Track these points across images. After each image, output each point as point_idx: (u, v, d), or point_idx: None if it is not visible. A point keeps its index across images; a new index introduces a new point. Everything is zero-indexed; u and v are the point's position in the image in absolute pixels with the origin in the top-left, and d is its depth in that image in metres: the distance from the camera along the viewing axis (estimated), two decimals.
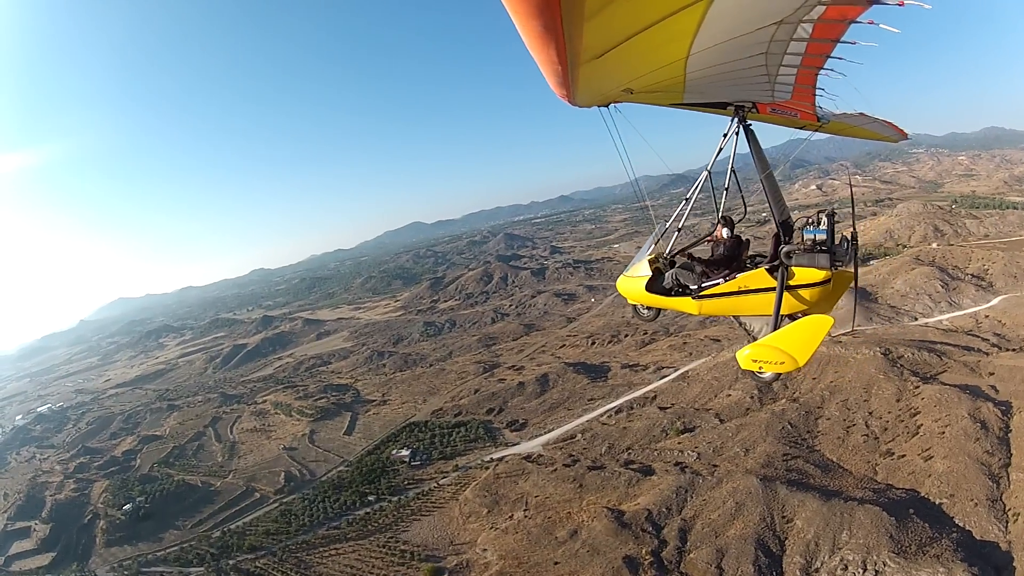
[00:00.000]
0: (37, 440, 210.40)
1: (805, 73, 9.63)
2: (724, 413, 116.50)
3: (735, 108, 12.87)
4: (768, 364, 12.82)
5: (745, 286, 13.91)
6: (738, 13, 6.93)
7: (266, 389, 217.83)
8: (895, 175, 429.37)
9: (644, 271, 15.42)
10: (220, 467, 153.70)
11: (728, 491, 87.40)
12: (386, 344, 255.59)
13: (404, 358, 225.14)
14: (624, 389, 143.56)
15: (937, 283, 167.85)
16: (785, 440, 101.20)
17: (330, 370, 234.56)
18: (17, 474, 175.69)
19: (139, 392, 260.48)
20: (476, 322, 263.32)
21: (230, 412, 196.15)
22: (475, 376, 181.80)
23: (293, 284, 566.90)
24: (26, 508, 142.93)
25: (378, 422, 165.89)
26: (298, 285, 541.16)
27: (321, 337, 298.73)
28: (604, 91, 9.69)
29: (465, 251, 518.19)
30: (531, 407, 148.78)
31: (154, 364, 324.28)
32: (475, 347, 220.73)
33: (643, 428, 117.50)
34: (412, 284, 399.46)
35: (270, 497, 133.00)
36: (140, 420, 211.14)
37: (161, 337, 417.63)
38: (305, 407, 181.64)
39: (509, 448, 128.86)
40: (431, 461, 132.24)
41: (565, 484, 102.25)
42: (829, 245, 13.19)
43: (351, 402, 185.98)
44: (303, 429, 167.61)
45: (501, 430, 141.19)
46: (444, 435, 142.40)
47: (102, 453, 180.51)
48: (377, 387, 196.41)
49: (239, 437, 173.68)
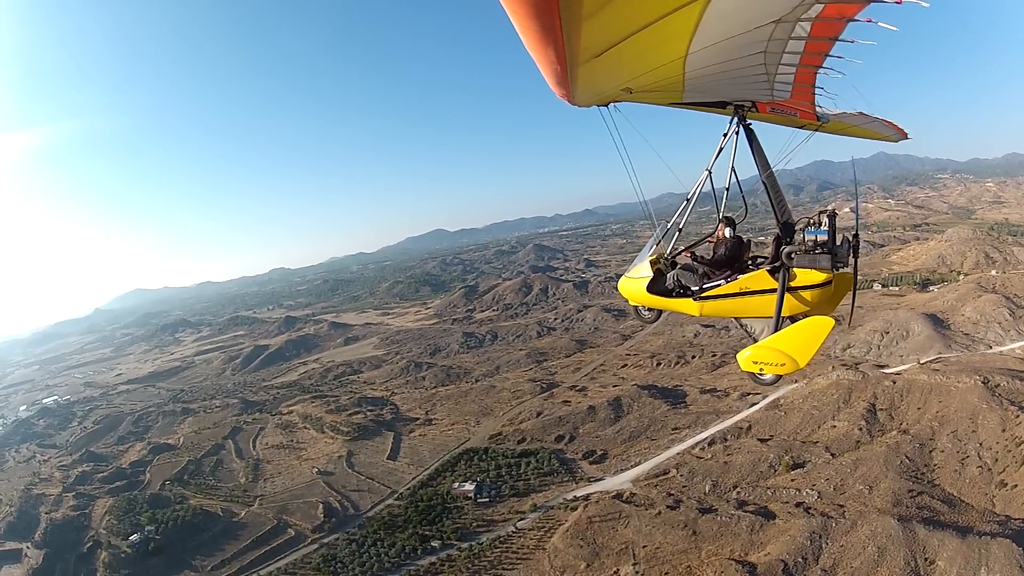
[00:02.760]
0: (39, 437, 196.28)
1: (804, 72, 9.70)
2: (834, 446, 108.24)
3: (734, 107, 12.75)
4: (769, 366, 12.76)
5: (746, 287, 13.60)
6: (736, 12, 6.91)
7: (291, 398, 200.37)
8: (926, 200, 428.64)
9: (645, 272, 15.11)
10: (243, 491, 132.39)
11: (866, 535, 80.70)
12: (422, 354, 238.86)
13: (446, 371, 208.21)
14: (711, 417, 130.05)
15: (1005, 311, 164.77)
16: (905, 475, 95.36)
17: (362, 380, 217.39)
18: (13, 477, 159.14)
19: (151, 391, 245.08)
20: (520, 335, 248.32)
21: (252, 422, 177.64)
22: (532, 396, 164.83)
23: (315, 285, 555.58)
24: (17, 526, 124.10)
25: (426, 445, 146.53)
26: (320, 286, 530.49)
27: (349, 342, 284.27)
28: (603, 90, 9.67)
29: (493, 260, 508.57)
30: (607, 435, 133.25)
31: (169, 360, 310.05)
32: (524, 362, 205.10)
33: (747, 463, 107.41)
34: (441, 291, 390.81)
35: (306, 535, 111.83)
36: (151, 424, 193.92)
37: (177, 332, 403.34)
38: (339, 423, 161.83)
39: (592, 484, 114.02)
40: (501, 498, 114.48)
41: (675, 531, 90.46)
42: (831, 246, 12.84)
43: (391, 419, 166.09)
44: (338, 449, 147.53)
45: (577, 462, 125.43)
46: (511, 466, 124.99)
47: (107, 461, 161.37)
48: (418, 403, 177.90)
49: (264, 454, 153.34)
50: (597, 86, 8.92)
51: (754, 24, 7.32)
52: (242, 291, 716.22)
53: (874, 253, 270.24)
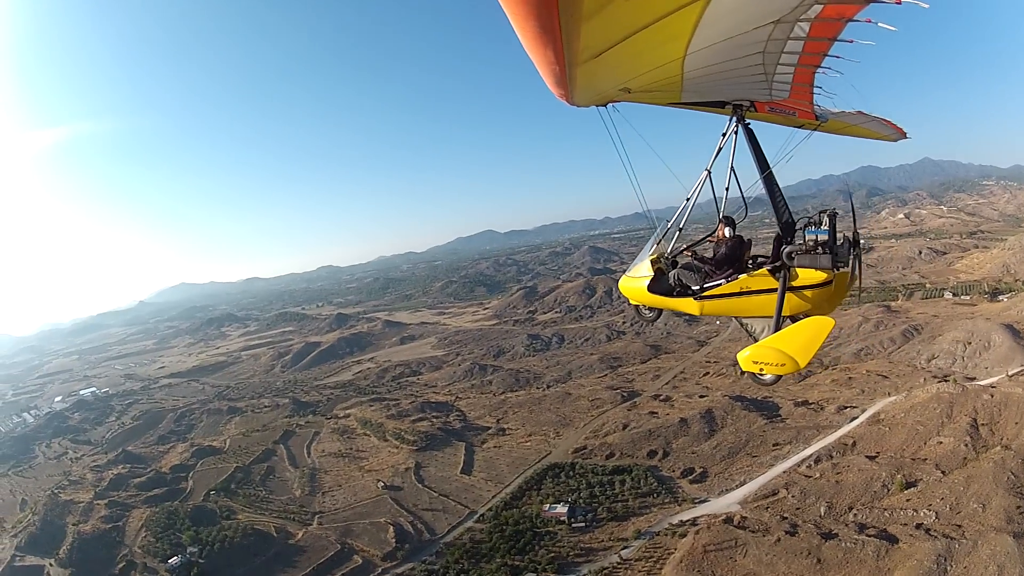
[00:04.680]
0: (73, 431, 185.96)
1: (803, 72, 9.74)
2: (943, 463, 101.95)
3: (733, 107, 12.78)
4: (769, 366, 12.30)
5: (747, 287, 13.39)
6: (736, 12, 6.86)
7: (346, 399, 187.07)
8: (976, 207, 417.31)
9: (646, 271, 15.05)
10: (300, 507, 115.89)
11: (987, 555, 77.08)
12: (485, 356, 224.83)
13: (514, 375, 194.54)
14: (811, 432, 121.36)
15: None
16: (1012, 491, 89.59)
17: (422, 382, 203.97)
18: (41, 475, 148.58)
19: (195, 386, 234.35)
20: (588, 338, 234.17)
21: (305, 425, 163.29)
22: (613, 405, 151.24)
23: (365, 283, 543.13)
24: (41, 539, 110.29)
25: (502, 458, 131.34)
26: (371, 284, 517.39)
27: (405, 342, 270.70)
28: (602, 90, 9.62)
29: (548, 262, 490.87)
30: (704, 451, 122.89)
31: (214, 355, 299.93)
32: (598, 368, 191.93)
33: (859, 482, 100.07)
34: (497, 292, 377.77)
35: (375, 563, 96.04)
36: (194, 422, 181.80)
37: (223, 326, 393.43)
38: (403, 430, 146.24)
39: (697, 506, 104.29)
40: (598, 522, 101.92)
41: (799, 559, 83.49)
42: (831, 245, 12.60)
43: (460, 428, 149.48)
44: (404, 460, 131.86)
45: (676, 480, 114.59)
46: (603, 484, 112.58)
47: (146, 463, 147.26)
48: (487, 409, 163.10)
49: (320, 462, 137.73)
50: (596, 86, 8.90)
51: (753, 24, 7.26)
52: (290, 288, 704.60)
53: (937, 261, 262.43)
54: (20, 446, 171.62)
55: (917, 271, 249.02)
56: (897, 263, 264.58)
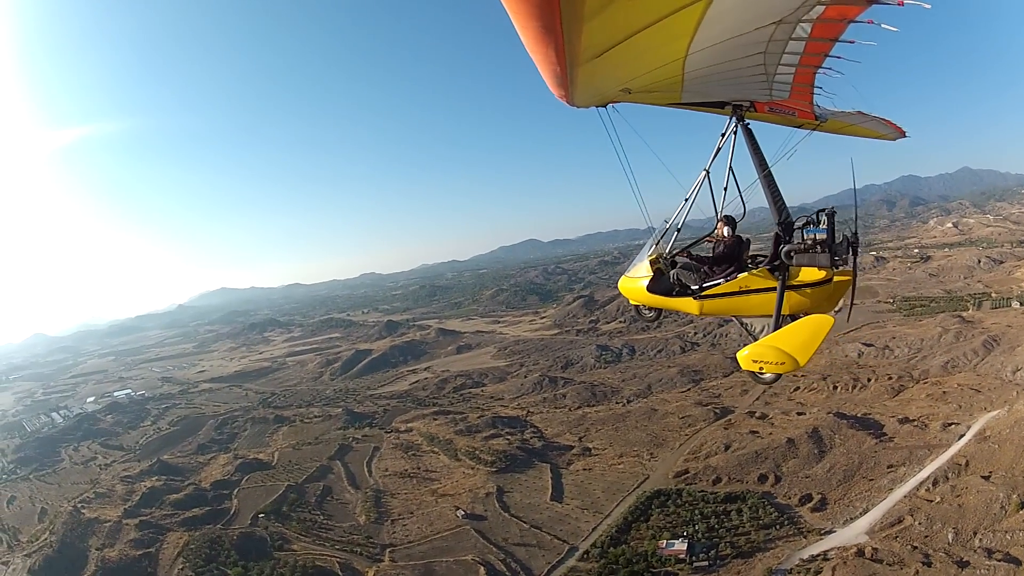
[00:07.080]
0: (104, 435, 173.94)
1: (803, 72, 9.75)
2: None
3: (733, 107, 12.68)
4: (768, 364, 12.29)
5: (746, 286, 13.28)
6: (737, 13, 6.87)
7: (405, 411, 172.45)
8: (1021, 216, 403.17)
9: (645, 271, 14.90)
10: (367, 538, 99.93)
11: None
12: (552, 367, 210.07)
13: (589, 389, 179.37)
14: (923, 452, 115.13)
15: None
16: None
17: (487, 394, 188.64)
18: (66, 482, 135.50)
19: (237, 391, 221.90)
20: (661, 349, 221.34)
21: (362, 439, 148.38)
22: (706, 423, 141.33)
23: (410, 290, 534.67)
24: (59, 563, 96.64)
25: (594, 483, 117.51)
26: (416, 292, 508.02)
27: (462, 351, 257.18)
28: (602, 91, 9.62)
29: (597, 271, 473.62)
30: (817, 475, 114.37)
31: (257, 360, 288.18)
32: (679, 381, 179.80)
33: (980, 505, 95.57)
34: (550, 300, 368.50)
35: None
36: (237, 431, 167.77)
37: (266, 331, 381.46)
38: (476, 448, 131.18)
39: (824, 538, 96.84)
40: (723, 560, 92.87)
41: None
42: (830, 244, 12.51)
43: (541, 448, 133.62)
44: (483, 484, 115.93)
45: (795, 508, 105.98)
46: (718, 515, 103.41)
47: (183, 475, 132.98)
48: (566, 426, 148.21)
49: (384, 483, 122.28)
50: (596, 87, 8.90)
51: (755, 25, 7.26)
52: (332, 294, 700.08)
53: (996, 270, 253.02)
54: (46, 448, 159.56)
55: (980, 280, 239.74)
56: (958, 272, 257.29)
